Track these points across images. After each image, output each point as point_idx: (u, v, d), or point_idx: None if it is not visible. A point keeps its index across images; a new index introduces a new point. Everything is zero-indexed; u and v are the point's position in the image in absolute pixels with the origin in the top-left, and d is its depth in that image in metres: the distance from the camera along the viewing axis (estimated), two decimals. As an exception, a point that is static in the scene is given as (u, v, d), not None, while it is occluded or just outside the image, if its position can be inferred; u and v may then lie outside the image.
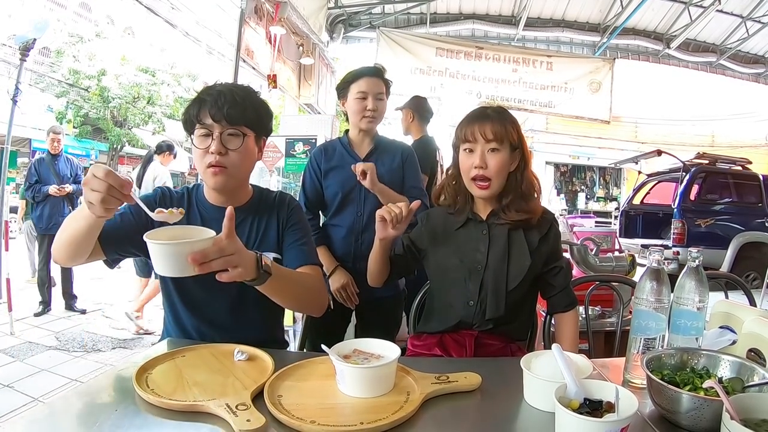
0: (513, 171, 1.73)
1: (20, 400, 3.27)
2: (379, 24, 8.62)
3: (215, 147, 1.51)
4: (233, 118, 1.53)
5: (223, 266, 1.22)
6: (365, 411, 1.08)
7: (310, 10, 6.74)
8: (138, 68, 20.32)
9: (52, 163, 5.53)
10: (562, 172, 18.03)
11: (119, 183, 1.18)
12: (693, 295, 1.29)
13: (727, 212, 7.50)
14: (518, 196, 1.73)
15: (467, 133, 1.70)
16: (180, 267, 1.19)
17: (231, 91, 1.55)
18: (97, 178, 1.16)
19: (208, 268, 1.20)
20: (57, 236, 1.43)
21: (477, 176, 1.68)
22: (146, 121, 20.53)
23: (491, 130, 1.67)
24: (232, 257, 1.23)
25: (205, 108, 1.53)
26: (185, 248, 1.17)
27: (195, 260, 1.17)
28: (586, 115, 9.13)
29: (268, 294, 1.45)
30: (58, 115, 18.43)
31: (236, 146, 1.55)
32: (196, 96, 1.58)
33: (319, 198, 2.44)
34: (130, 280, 5.58)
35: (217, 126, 1.52)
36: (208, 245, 1.20)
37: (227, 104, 1.52)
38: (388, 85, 2.42)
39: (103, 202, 1.17)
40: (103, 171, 1.17)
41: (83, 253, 1.43)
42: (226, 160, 1.54)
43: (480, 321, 1.73)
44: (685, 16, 8.56)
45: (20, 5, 17.55)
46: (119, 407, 1.10)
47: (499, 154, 1.67)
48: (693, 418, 1.01)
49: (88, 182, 1.17)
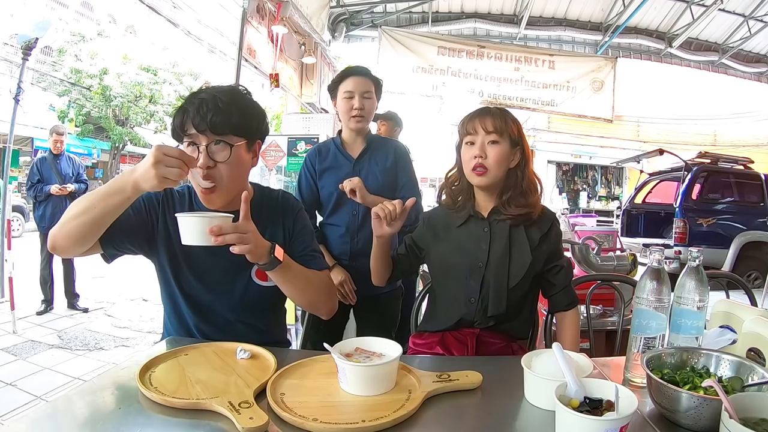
0: (513, 168, 1.75)
1: (23, 398, 3.27)
2: (380, 23, 8.61)
3: (202, 161, 1.44)
4: (217, 126, 1.45)
5: (236, 241, 1.33)
6: (367, 409, 1.09)
7: (312, 9, 6.74)
8: (140, 67, 20.36)
9: (54, 162, 5.51)
10: (564, 171, 18.04)
11: (189, 159, 1.32)
12: (693, 294, 1.29)
13: (729, 211, 7.50)
14: (519, 192, 1.74)
15: (469, 126, 1.74)
16: (200, 237, 1.33)
17: (214, 98, 1.46)
18: (172, 157, 1.27)
19: (222, 240, 1.31)
20: (66, 221, 1.39)
21: (476, 165, 1.70)
22: (148, 119, 20.57)
23: (491, 122, 1.70)
24: (245, 236, 1.34)
25: (188, 118, 1.45)
26: (206, 221, 1.33)
27: (212, 232, 1.29)
28: (588, 113, 9.12)
29: (279, 283, 1.52)
30: (60, 114, 18.47)
31: (224, 158, 1.48)
32: (181, 104, 1.50)
33: (315, 199, 2.47)
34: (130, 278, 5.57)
35: (202, 137, 1.45)
36: (226, 222, 1.33)
37: (210, 112, 1.43)
38: (378, 83, 2.44)
39: (179, 176, 1.28)
40: (176, 151, 1.29)
41: (92, 239, 1.42)
42: (215, 173, 1.48)
43: (481, 318, 1.74)
44: (687, 14, 8.54)
45: (22, 4, 17.57)
46: (122, 405, 1.11)
47: (499, 146, 1.69)
48: (692, 417, 1.01)
49: (162, 161, 1.25)
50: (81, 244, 1.42)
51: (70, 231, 1.39)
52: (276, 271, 1.45)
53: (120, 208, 1.37)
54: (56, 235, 1.42)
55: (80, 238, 1.41)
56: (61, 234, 1.41)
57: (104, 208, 1.35)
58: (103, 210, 1.35)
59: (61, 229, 1.40)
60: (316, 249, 1.74)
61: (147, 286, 6.47)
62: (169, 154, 1.26)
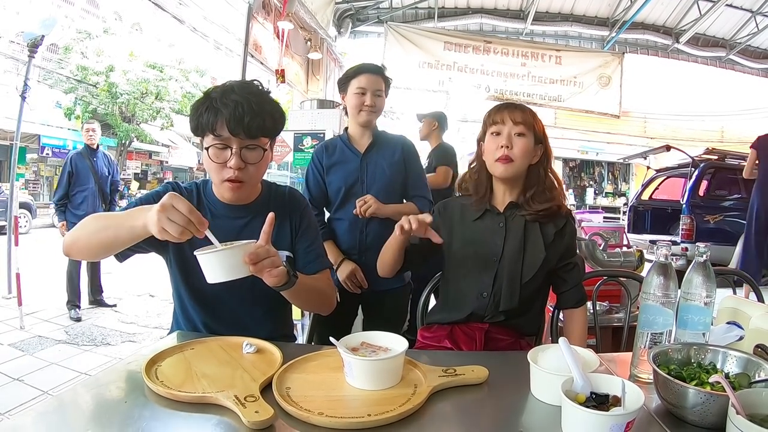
0: (535, 164, 1.76)
1: (30, 393, 3.30)
2: (386, 19, 8.58)
3: (235, 163, 1.47)
4: (253, 131, 1.47)
5: (271, 266, 1.32)
6: (373, 403, 1.09)
7: (317, 4, 6.72)
8: (146, 64, 20.42)
9: (90, 157, 5.38)
10: (571, 167, 18.00)
11: (199, 221, 1.23)
12: (700, 290, 1.29)
13: (736, 208, 7.43)
14: (542, 189, 1.76)
15: (496, 117, 1.74)
16: (234, 270, 1.28)
17: (248, 100, 1.46)
18: (178, 211, 1.20)
19: (261, 267, 1.30)
20: (82, 234, 1.42)
21: (501, 156, 1.70)
22: (154, 116, 20.65)
23: (521, 115, 1.72)
24: (275, 258, 1.33)
25: (220, 119, 1.44)
26: (238, 252, 1.28)
27: (251, 259, 1.27)
28: (595, 109, 9.08)
29: (288, 297, 1.53)
30: (67, 111, 18.56)
31: (256, 160, 1.52)
32: (208, 100, 1.49)
33: (323, 194, 2.49)
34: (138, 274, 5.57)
35: (235, 140, 1.47)
36: (257, 248, 1.30)
37: (247, 116, 1.44)
38: (388, 82, 2.47)
39: (180, 234, 1.21)
40: (186, 206, 1.21)
41: (105, 256, 1.45)
42: (245, 174, 1.51)
43: (492, 313, 1.75)
44: (695, 10, 8.47)
45: (28, 2, 17.66)
46: (128, 399, 1.11)
47: (525, 139, 1.71)
48: (699, 412, 1.01)
49: (167, 210, 1.20)
50: (98, 257, 1.48)
51: (84, 248, 1.44)
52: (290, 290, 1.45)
53: (131, 242, 1.38)
54: (70, 246, 1.45)
55: (94, 255, 1.46)
56: (76, 247, 1.45)
57: (122, 238, 1.36)
58: (123, 240, 1.36)
59: (76, 242, 1.44)
60: (320, 247, 1.77)
61: (154, 282, 6.51)
62: (178, 207, 1.20)
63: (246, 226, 1.62)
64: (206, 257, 1.28)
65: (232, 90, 1.49)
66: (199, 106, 1.50)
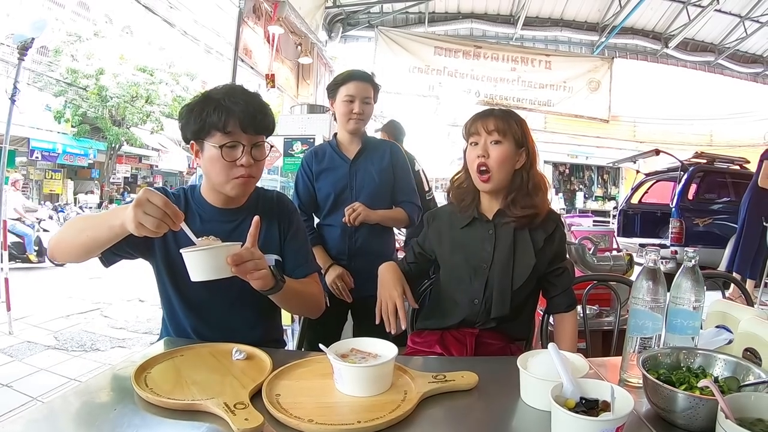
0: (519, 169, 1.75)
1: (19, 399, 3.27)
2: (377, 23, 8.60)
3: (247, 160, 1.50)
4: (260, 128, 1.53)
5: (254, 268, 1.35)
6: (363, 410, 1.09)
7: (307, 9, 6.73)
8: (136, 67, 20.29)
9: None
10: (561, 171, 18.05)
11: (175, 213, 1.25)
12: (689, 294, 1.30)
13: (725, 211, 7.48)
14: (524, 194, 1.74)
15: (471, 128, 1.75)
16: (217, 269, 1.30)
17: (254, 99, 1.53)
18: (154, 204, 1.22)
19: (244, 268, 1.33)
20: (65, 236, 1.44)
21: (479, 165, 1.70)
22: (144, 120, 20.51)
23: (493, 123, 1.71)
24: (260, 261, 1.36)
25: (232, 117, 1.47)
26: (222, 251, 1.31)
27: (234, 261, 1.30)
28: (585, 113, 9.14)
29: (276, 301, 1.54)
30: (57, 114, 18.42)
31: (262, 156, 1.57)
32: (212, 101, 1.49)
33: (312, 200, 2.48)
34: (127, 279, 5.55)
35: (246, 137, 1.50)
36: (240, 250, 1.33)
37: (259, 114, 1.51)
38: (377, 88, 2.48)
39: (157, 227, 1.22)
40: (161, 199, 1.23)
41: (87, 258, 1.45)
42: (253, 170, 1.55)
43: (484, 319, 1.75)
44: (684, 15, 8.55)
45: (18, 4, 17.57)
46: (118, 406, 1.10)
47: (502, 146, 1.70)
48: (688, 417, 1.02)
49: (143, 205, 1.21)
50: (78, 260, 1.47)
51: (66, 250, 1.44)
52: (278, 294, 1.47)
53: (110, 242, 1.38)
54: (54, 249, 1.47)
55: (76, 257, 1.45)
56: (59, 249, 1.46)
57: (103, 237, 1.36)
58: (104, 239, 1.36)
59: (59, 244, 1.46)
60: (308, 251, 1.79)
61: (143, 287, 6.46)
62: (153, 201, 1.22)
63: (235, 230, 1.62)
64: (191, 255, 1.31)
65: (234, 90, 1.53)
66: (203, 107, 1.50)
